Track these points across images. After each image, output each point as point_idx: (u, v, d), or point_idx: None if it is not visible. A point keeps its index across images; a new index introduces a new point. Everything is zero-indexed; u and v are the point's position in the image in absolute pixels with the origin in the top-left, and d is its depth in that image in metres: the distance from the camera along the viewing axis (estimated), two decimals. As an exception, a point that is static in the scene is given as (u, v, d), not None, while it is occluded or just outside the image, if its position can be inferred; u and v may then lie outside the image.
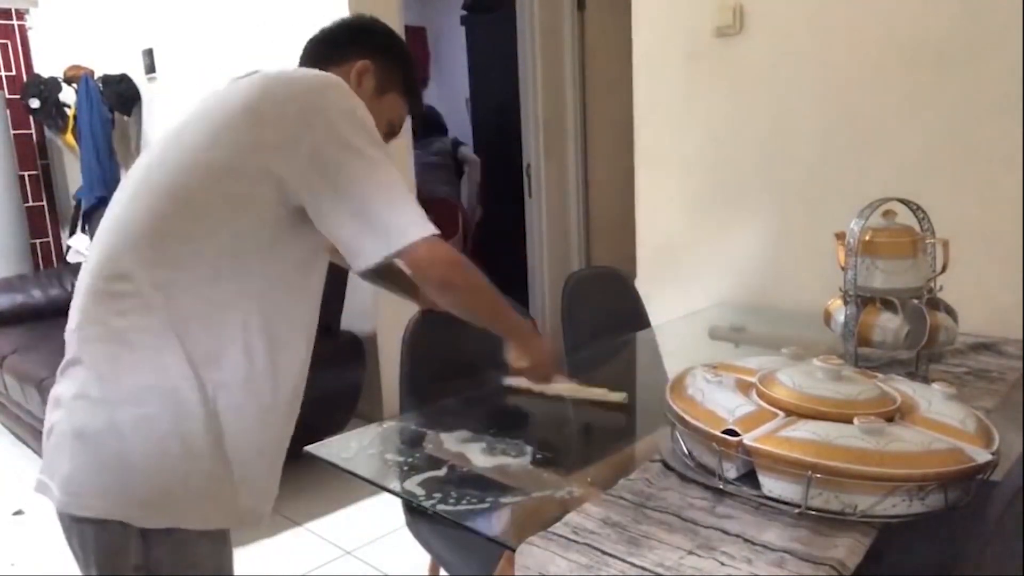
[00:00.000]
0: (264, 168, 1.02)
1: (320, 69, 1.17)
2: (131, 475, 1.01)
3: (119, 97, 4.26)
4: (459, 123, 5.23)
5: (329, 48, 1.27)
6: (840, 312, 1.48)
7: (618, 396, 1.40)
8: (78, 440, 1.02)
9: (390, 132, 1.29)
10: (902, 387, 1.13)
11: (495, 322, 1.27)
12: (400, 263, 1.08)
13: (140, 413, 1.01)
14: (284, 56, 3.76)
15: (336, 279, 1.89)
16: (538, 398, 1.45)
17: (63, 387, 1.07)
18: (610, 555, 0.87)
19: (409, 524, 1.54)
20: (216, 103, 1.07)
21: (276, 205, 1.04)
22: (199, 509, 1.06)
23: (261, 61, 3.36)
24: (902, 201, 1.43)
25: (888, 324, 1.39)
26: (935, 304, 1.44)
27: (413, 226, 1.05)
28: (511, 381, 1.48)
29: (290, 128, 1.02)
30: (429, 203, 3.83)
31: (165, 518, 1.04)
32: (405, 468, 1.21)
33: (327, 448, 1.27)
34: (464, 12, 4.79)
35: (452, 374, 1.63)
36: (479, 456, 1.20)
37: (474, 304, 1.19)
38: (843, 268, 1.44)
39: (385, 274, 1.52)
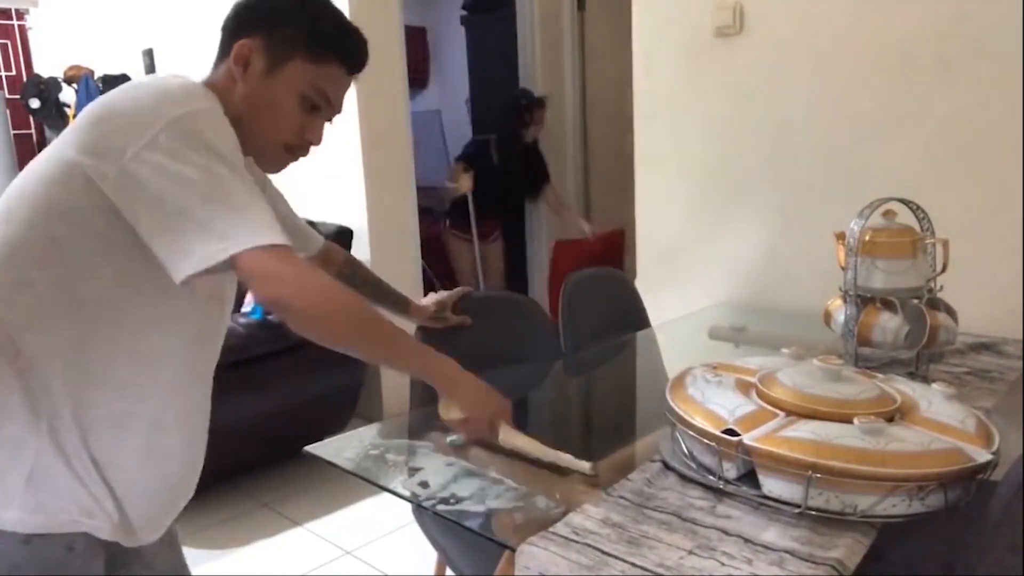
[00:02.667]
0: (79, 167, 0.91)
1: (215, 67, 1.06)
2: None
3: (119, 97, 4.26)
4: (459, 123, 5.22)
5: (221, 43, 1.06)
6: (840, 312, 1.48)
7: (584, 466, 1.11)
8: None
9: (313, 106, 1.05)
10: (902, 387, 1.13)
11: (386, 358, 1.06)
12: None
13: None
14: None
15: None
16: (496, 455, 1.17)
17: None
18: (610, 555, 0.87)
19: (417, 520, 1.54)
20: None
21: (102, 216, 0.92)
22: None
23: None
24: (902, 201, 1.44)
25: (888, 324, 1.39)
26: (935, 304, 1.44)
27: (246, 232, 0.88)
28: (458, 438, 1.22)
29: (115, 136, 0.91)
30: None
31: None
32: (406, 468, 1.20)
33: (327, 448, 1.27)
34: (464, 12, 4.79)
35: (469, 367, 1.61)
36: (480, 456, 1.20)
37: (335, 333, 0.96)
38: (843, 268, 1.44)
39: (369, 292, 1.44)
